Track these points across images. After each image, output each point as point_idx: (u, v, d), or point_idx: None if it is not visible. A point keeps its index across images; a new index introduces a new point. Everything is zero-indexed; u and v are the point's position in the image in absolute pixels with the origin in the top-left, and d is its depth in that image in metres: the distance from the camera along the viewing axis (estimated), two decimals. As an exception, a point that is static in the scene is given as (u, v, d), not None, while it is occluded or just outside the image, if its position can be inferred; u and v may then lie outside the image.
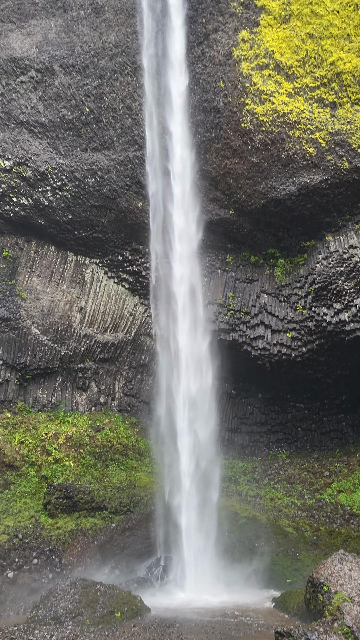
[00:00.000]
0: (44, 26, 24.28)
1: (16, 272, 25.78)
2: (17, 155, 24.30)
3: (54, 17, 24.34)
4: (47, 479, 22.26)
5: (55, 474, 22.48)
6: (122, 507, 21.98)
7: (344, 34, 21.29)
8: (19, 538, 20.11)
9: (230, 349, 25.15)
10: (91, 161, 24.28)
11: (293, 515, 22.48)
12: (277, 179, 22.50)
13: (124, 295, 26.99)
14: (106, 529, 21.10)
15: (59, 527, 20.79)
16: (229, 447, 26.84)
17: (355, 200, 22.32)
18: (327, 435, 27.02)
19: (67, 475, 22.61)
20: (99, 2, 23.70)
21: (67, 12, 24.17)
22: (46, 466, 22.70)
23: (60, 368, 26.07)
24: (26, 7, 24.39)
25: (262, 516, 22.00)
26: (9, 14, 24.41)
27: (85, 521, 21.16)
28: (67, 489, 21.36)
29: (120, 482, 23.04)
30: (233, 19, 22.21)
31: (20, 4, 24.36)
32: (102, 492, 22.09)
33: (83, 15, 23.90)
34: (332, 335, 23.61)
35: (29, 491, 21.91)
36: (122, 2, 23.57)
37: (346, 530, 21.43)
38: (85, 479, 22.65)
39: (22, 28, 24.38)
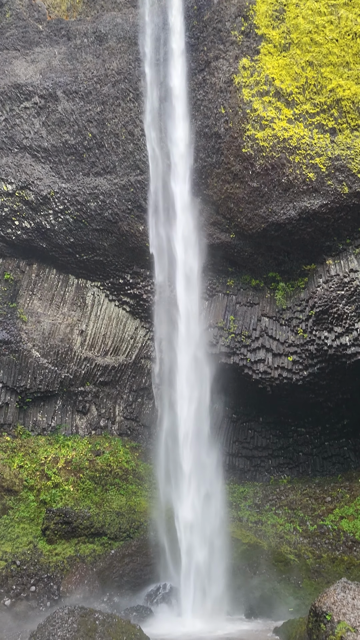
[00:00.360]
0: (48, 53, 24.71)
1: (17, 295, 25.82)
2: (19, 180, 24.52)
3: (57, 44, 24.78)
4: (46, 504, 22.03)
5: (55, 498, 22.24)
6: (121, 532, 21.69)
7: (343, 61, 21.63)
8: (16, 564, 19.82)
9: (231, 372, 25.06)
10: (93, 185, 24.50)
11: (295, 542, 22.18)
12: (277, 203, 22.66)
13: (125, 318, 27.00)
14: (105, 556, 20.80)
15: (57, 553, 20.51)
16: (229, 472, 26.56)
17: (356, 225, 22.44)
18: (328, 460, 26.77)
19: (66, 500, 22.37)
20: (102, 31, 24.14)
21: (70, 40, 24.60)
22: (45, 491, 22.47)
23: (60, 391, 25.96)
24: (30, 35, 24.83)
25: (263, 543, 21.70)
26: (13, 42, 24.85)
27: (84, 547, 20.87)
28: (66, 514, 21.11)
29: (120, 507, 22.78)
30: (234, 47, 22.58)
31: (25, 32, 24.81)
32: (101, 518, 21.83)
33: (86, 43, 24.33)
34: (333, 359, 23.54)
35: (28, 516, 21.67)
36: (124, 30, 24.01)
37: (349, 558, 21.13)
38: (85, 504, 22.41)
39: (26, 55, 24.80)
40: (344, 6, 21.79)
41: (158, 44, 23.76)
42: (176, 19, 23.54)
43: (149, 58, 23.68)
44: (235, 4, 22.59)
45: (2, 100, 24.33)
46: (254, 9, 22.32)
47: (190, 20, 23.34)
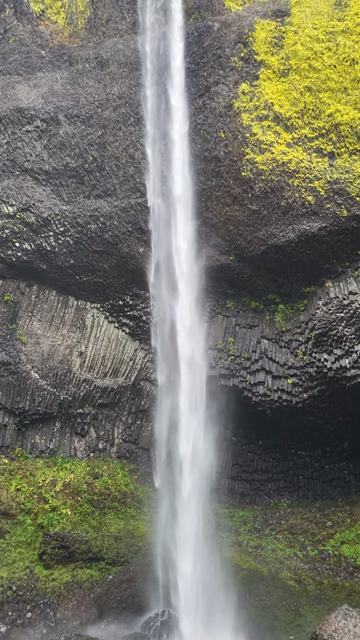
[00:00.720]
0: (50, 78, 25.05)
1: (17, 316, 25.82)
2: (20, 202, 24.69)
3: (60, 69, 25.13)
4: (43, 528, 21.75)
5: (52, 522, 21.97)
6: (119, 557, 21.39)
7: (341, 87, 21.92)
8: (12, 590, 19.51)
9: (231, 394, 24.95)
10: (94, 208, 24.65)
11: (295, 567, 21.87)
12: (276, 226, 22.79)
13: (124, 340, 26.96)
14: (103, 581, 20.49)
15: (54, 578, 20.20)
16: (229, 496, 26.28)
17: (354, 247, 22.54)
18: (329, 483, 26.51)
19: (63, 523, 22.09)
20: (104, 56, 24.49)
21: (72, 65, 24.96)
22: (42, 514, 22.20)
23: (59, 413, 25.80)
24: (33, 60, 25.19)
25: (263, 568, 21.39)
26: (16, 67, 25.20)
27: (81, 572, 20.56)
28: (63, 539, 20.83)
29: (118, 531, 22.49)
30: (233, 73, 22.90)
31: (28, 57, 25.18)
32: (99, 542, 21.54)
33: (88, 68, 24.67)
34: (333, 381, 23.46)
35: (25, 540, 21.37)
36: (125, 56, 24.37)
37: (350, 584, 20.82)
38: (83, 528, 22.12)
39: (28, 80, 25.13)
40: (342, 33, 22.14)
41: (159, 70, 24.10)
42: (177, 45, 23.89)
43: (150, 83, 23.99)
44: (234, 31, 22.96)
45: (5, 123, 24.59)
46: (253, 36, 22.68)
47: (190, 46, 23.70)
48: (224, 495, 26.17)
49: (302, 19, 22.55)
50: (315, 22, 22.44)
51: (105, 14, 25.36)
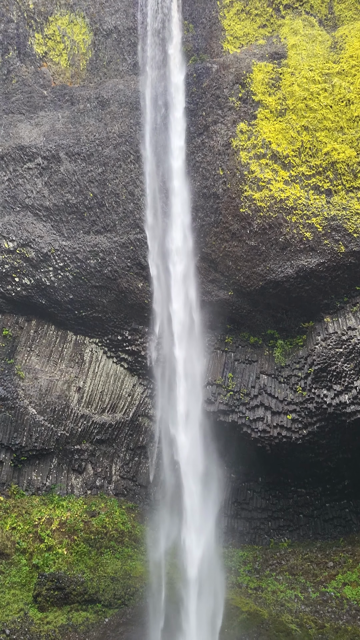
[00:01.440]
0: (52, 117, 25.53)
1: (15, 351, 25.74)
2: (21, 237, 24.89)
3: (61, 109, 25.64)
4: (39, 568, 21.26)
5: (47, 562, 21.47)
6: (116, 599, 20.84)
7: (338, 126, 22.33)
8: (5, 634, 18.96)
9: (230, 430, 24.70)
10: (93, 243, 24.84)
11: (296, 610, 21.30)
12: (275, 261, 22.93)
13: (123, 375, 26.81)
14: (99, 624, 19.93)
15: (49, 621, 19.65)
16: (228, 535, 25.73)
17: (352, 283, 22.64)
18: (330, 522, 26.02)
19: (59, 564, 21.59)
20: (105, 96, 25.02)
21: (74, 104, 25.47)
22: (38, 554, 21.71)
23: (56, 449, 25.48)
24: (35, 100, 25.72)
25: (263, 611, 20.83)
26: (18, 106, 25.72)
27: (76, 615, 20.01)
28: (58, 580, 20.34)
29: (115, 571, 21.96)
30: (232, 112, 23.36)
31: (30, 97, 25.71)
32: (95, 583, 21.02)
33: (89, 107, 25.17)
34: (332, 417, 23.26)
35: (19, 581, 20.87)
36: (126, 96, 24.89)
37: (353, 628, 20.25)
38: (79, 568, 21.62)
39: (30, 119, 25.62)
40: (338, 75, 22.67)
41: (158, 109, 24.59)
42: (176, 86, 24.44)
43: (150, 122, 24.45)
44: (233, 72, 23.50)
45: (6, 161, 24.97)
46: (250, 77, 23.21)
47: (189, 86, 24.22)
48: (223, 534, 25.61)
49: (299, 61, 23.11)
50: (311, 64, 22.99)
51: (106, 55, 26.00)
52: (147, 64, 25.13)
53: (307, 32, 23.73)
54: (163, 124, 24.50)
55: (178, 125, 24.18)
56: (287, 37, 23.81)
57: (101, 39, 25.94)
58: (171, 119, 24.28)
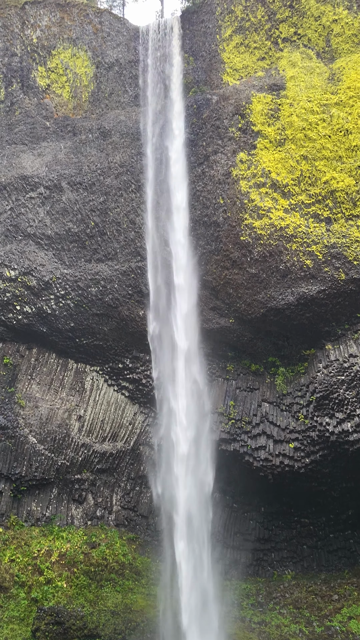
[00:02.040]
0: (54, 148, 25.87)
1: (16, 379, 25.63)
2: (22, 266, 25.00)
3: (63, 139, 26.00)
4: (38, 602, 20.80)
5: (47, 596, 21.03)
6: (116, 634, 20.34)
7: (336, 155, 22.57)
8: (3, 670, 18.49)
9: (232, 459, 24.43)
10: (95, 271, 24.93)
11: (301, 645, 20.78)
12: (276, 289, 22.97)
13: (124, 403, 26.64)
14: (99, 660, 19.43)
15: (47, 657, 19.15)
16: (230, 566, 25.22)
17: (353, 310, 22.62)
18: (334, 554, 25.53)
19: (58, 597, 21.15)
20: (106, 127, 25.38)
21: (76, 135, 25.83)
22: (37, 587, 21.28)
23: (56, 479, 25.18)
24: (38, 131, 26.10)
25: (267, 646, 20.33)
26: (21, 137, 26.09)
27: (76, 651, 19.52)
28: (58, 614, 19.89)
29: (116, 605, 21.49)
30: (231, 143, 23.65)
31: (33, 128, 26.09)
32: (95, 617, 20.54)
33: (91, 138, 25.52)
34: (335, 445, 23.02)
35: (18, 615, 20.40)
36: (127, 127, 25.25)
37: (359, 663, 19.71)
38: (78, 602, 21.16)
39: (33, 149, 25.95)
40: (336, 105, 22.99)
41: (159, 139, 24.91)
42: (177, 117, 24.80)
43: (151, 152, 24.76)
44: (232, 103, 23.87)
45: (9, 190, 25.23)
46: (250, 108, 23.56)
47: (190, 117, 24.59)
48: (226, 566, 25.11)
49: (297, 92, 23.48)
50: (309, 95, 23.35)
51: (108, 87, 26.45)
52: (148, 95, 25.56)
53: (305, 64, 24.16)
54: (164, 154, 24.81)
55: (179, 155, 24.48)
56: (286, 69, 24.24)
57: (103, 71, 26.43)
58: (172, 149, 24.59)
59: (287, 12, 24.25)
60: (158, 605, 20.80)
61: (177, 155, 24.54)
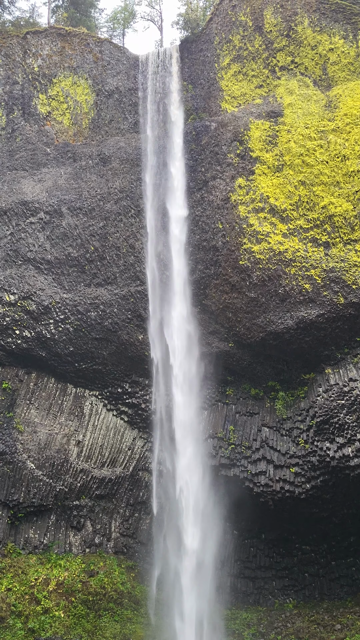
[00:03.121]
0: (54, 173, 26.14)
1: (15, 404, 25.48)
2: (22, 290, 25.06)
3: (64, 165, 26.28)
4: (35, 632, 20.39)
5: (44, 626, 20.62)
6: (115, 665, 19.95)
7: (334, 181, 22.79)
8: None
9: (232, 485, 24.15)
10: (94, 295, 24.99)
11: None
12: (275, 313, 23.00)
13: (123, 428, 26.44)
14: None
15: None
16: (231, 595, 24.75)
17: (353, 334, 22.61)
18: (336, 582, 25.09)
19: (56, 627, 20.73)
20: (106, 153, 25.68)
21: (76, 161, 26.12)
22: (34, 617, 20.86)
23: (54, 505, 24.87)
24: (39, 157, 26.39)
25: None
26: (22, 163, 26.36)
27: None
28: (55, 645, 19.51)
29: (114, 635, 21.08)
30: (230, 168, 23.91)
31: (34, 154, 26.39)
32: (93, 648, 20.14)
33: (91, 164, 25.81)
34: (336, 470, 22.80)
35: (14, 646, 19.99)
36: (127, 153, 25.55)
37: None
38: (76, 632, 20.75)
39: (33, 175, 26.21)
40: (333, 132, 23.29)
41: (158, 165, 25.22)
42: (176, 143, 25.16)
43: (150, 178, 25.04)
44: (231, 130, 24.19)
45: (9, 216, 25.41)
46: (248, 135, 23.86)
47: (189, 144, 24.91)
48: (226, 594, 24.64)
49: (295, 119, 23.80)
50: (307, 121, 23.67)
51: (108, 115, 26.82)
52: (148, 122, 25.93)
53: (302, 91, 24.54)
54: (163, 179, 25.07)
55: (178, 181, 24.75)
56: (283, 96, 24.61)
57: (103, 99, 26.83)
58: (170, 175, 24.87)
59: (284, 41, 24.71)
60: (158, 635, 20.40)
61: (176, 181, 24.83)
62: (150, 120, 25.98)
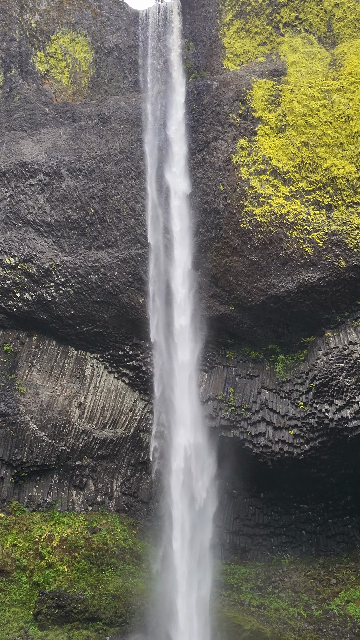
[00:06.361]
0: (54, 134, 25.73)
1: (16, 366, 25.70)
2: (22, 253, 24.97)
3: (63, 126, 25.84)
4: (39, 586, 21.06)
5: (48, 580, 21.28)
6: (117, 617, 20.63)
7: (337, 142, 22.47)
8: (6, 653, 18.77)
9: (231, 446, 24.56)
10: (95, 259, 24.91)
11: (299, 628, 21.08)
12: (276, 276, 22.97)
13: (124, 390, 26.75)
14: (100, 643, 19.71)
15: (49, 640, 19.45)
16: (230, 551, 25.50)
17: (353, 298, 22.64)
18: (332, 539, 25.77)
19: (60, 581, 21.40)
20: (106, 113, 25.23)
21: (75, 121, 25.68)
22: (38, 571, 21.52)
23: (57, 465, 25.36)
24: (37, 117, 25.94)
25: (266, 629, 20.61)
26: (20, 123, 25.93)
27: (77, 634, 19.78)
28: (59, 597, 20.15)
29: (116, 589, 21.75)
30: (232, 129, 23.53)
31: (32, 114, 25.93)
32: (96, 601, 20.82)
33: (90, 124, 25.38)
34: (334, 432, 23.15)
35: (19, 599, 20.67)
36: (127, 113, 25.10)
37: (357, 646, 20.00)
38: (79, 586, 21.42)
39: (32, 136, 25.81)
40: (337, 91, 22.85)
41: (159, 126, 24.79)
42: (177, 103, 24.68)
43: (151, 139, 24.64)
44: (233, 89, 23.71)
45: (8, 177, 25.13)
46: (250, 94, 23.41)
47: (190, 103, 24.44)
48: (225, 550, 25.40)
49: (298, 78, 23.32)
50: (310, 81, 23.19)
51: (107, 73, 26.26)
52: (148, 81, 25.40)
53: (307, 49, 23.97)
54: (164, 140, 24.69)
55: (178, 141, 24.37)
56: (287, 54, 24.05)
57: (102, 57, 26.22)
58: (171, 136, 24.48)
59: (288, -4, 24.03)
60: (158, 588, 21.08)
61: (176, 142, 24.44)
62: (151, 79, 25.44)
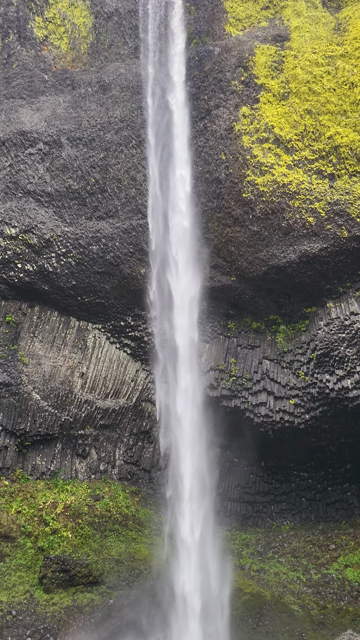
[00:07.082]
0: (53, 102, 25.37)
1: (19, 337, 25.82)
2: (23, 223, 24.84)
3: (62, 93, 25.46)
4: (44, 551, 21.52)
5: (52, 545, 21.75)
6: (120, 581, 21.14)
7: (341, 110, 22.16)
8: (12, 615, 19.29)
9: (233, 416, 24.84)
10: (96, 229, 24.79)
11: (298, 591, 21.60)
12: (277, 246, 22.89)
13: (126, 360, 26.90)
14: (104, 606, 20.23)
15: (54, 603, 19.95)
16: (230, 518, 25.98)
17: (355, 268, 22.60)
18: (332, 505, 26.23)
19: (64, 546, 21.87)
20: (106, 80, 24.83)
21: (75, 89, 25.29)
22: (43, 537, 21.97)
23: (60, 434, 25.67)
24: (36, 84, 25.55)
25: (266, 592, 21.12)
26: (19, 90, 25.55)
27: (82, 597, 20.30)
28: (64, 562, 20.62)
29: (120, 554, 22.24)
30: (234, 96, 23.18)
31: (31, 81, 25.53)
32: (100, 565, 21.31)
33: (90, 92, 25.00)
34: (335, 402, 23.36)
35: (25, 564, 21.16)
36: (127, 80, 24.70)
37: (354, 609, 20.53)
38: (83, 551, 21.90)
39: (31, 104, 25.45)
40: (341, 57, 22.45)
41: (160, 93, 24.39)
42: (178, 69, 24.24)
43: (151, 106, 24.28)
44: (235, 55, 23.29)
45: (8, 146, 24.86)
46: (253, 60, 23.00)
47: (191, 70, 24.02)
48: (226, 517, 25.89)
49: (302, 44, 22.89)
50: (314, 46, 22.77)
51: (107, 39, 25.77)
52: (149, 47, 24.89)
53: (311, 13, 23.48)
54: (165, 108, 24.32)
55: (180, 109, 24.01)
56: (290, 19, 23.56)
57: (102, 22, 25.69)
58: (173, 103, 24.11)
59: None
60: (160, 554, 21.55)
61: (178, 109, 24.06)
62: (151, 45, 24.93)
